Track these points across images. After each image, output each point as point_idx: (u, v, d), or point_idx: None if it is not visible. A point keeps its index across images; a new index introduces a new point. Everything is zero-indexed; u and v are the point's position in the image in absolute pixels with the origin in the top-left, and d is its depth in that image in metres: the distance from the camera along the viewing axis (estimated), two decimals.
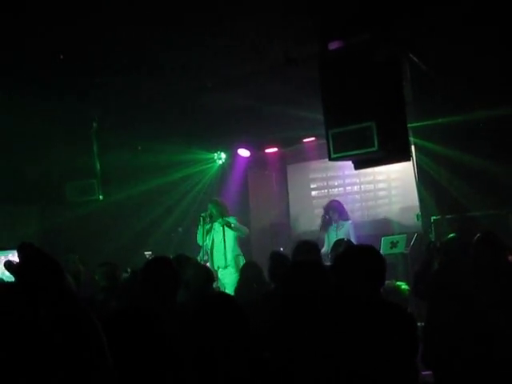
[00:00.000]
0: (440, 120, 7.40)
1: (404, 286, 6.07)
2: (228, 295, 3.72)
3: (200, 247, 8.97)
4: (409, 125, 6.46)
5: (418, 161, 8.12)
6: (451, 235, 5.23)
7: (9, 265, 2.43)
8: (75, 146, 9.59)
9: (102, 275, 5.92)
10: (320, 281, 3.42)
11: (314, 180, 11.90)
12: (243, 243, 9.21)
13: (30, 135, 8.94)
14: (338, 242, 7.17)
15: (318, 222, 9.66)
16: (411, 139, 7.32)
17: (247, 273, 5.98)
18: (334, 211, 9.19)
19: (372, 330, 3.18)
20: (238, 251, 8.82)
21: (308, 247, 5.48)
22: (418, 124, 7.57)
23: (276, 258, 5.37)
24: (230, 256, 8.67)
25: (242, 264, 7.85)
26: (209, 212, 8.85)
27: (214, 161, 11.60)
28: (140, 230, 10.57)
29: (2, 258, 6.66)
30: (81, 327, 2.23)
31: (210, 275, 5.20)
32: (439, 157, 7.67)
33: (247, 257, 9.05)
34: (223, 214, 8.79)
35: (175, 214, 10.99)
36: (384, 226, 10.54)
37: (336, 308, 3.33)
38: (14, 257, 2.36)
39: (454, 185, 7.51)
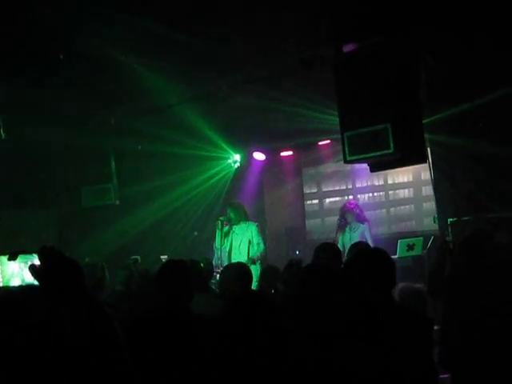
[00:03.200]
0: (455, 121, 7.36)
1: (421, 287, 6.03)
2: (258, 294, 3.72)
3: (214, 251, 8.97)
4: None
5: (433, 162, 8.08)
6: (468, 235, 5.19)
7: (33, 269, 2.44)
8: (91, 151, 9.65)
9: (121, 279, 5.96)
10: (331, 285, 3.42)
11: (329, 182, 11.88)
12: None
13: (45, 140, 9.02)
14: (354, 246, 7.14)
15: (334, 224, 9.63)
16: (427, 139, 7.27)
17: (266, 277, 5.96)
18: (350, 213, 9.15)
19: (383, 335, 3.17)
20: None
21: (329, 250, 5.47)
22: (432, 122, 7.51)
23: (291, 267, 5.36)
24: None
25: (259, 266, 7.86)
26: (227, 215, 8.84)
27: (230, 165, 11.62)
28: (154, 234, 10.61)
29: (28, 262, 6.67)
30: (104, 331, 2.24)
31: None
32: (455, 157, 7.64)
33: (263, 259, 9.04)
34: (242, 218, 8.75)
35: (190, 218, 11.03)
36: (401, 228, 10.50)
37: (347, 314, 3.32)
38: (37, 261, 2.37)
39: (471, 186, 7.46)
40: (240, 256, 8.63)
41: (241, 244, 8.69)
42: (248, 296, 3.15)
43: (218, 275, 7.76)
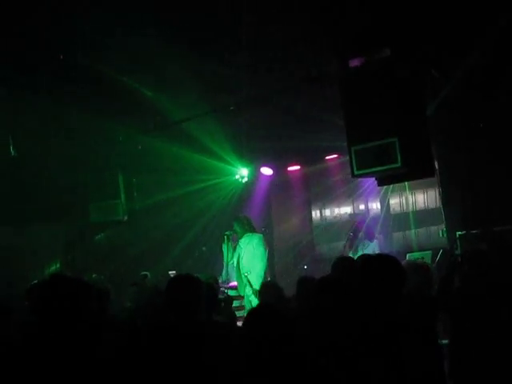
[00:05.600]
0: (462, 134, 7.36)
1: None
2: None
3: (223, 266, 8.97)
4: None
5: (441, 175, 8.06)
6: (477, 249, 5.18)
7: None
8: (100, 167, 9.70)
9: (130, 296, 5.96)
10: (342, 297, 3.43)
11: (336, 198, 11.87)
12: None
13: (55, 155, 9.08)
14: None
15: (342, 240, 9.63)
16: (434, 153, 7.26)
17: (266, 294, 5.92)
18: (360, 231, 9.17)
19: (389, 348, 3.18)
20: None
21: (345, 264, 5.47)
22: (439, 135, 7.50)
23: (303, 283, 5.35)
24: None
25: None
26: (233, 230, 8.84)
27: (238, 180, 11.63)
28: (162, 249, 10.62)
29: None
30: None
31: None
32: (463, 170, 7.62)
33: (270, 274, 9.02)
34: (248, 230, 8.75)
35: (198, 233, 11.03)
36: (409, 243, 10.47)
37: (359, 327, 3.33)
38: None
39: (480, 200, 7.44)
40: (243, 269, 8.60)
41: (244, 257, 8.68)
42: (262, 310, 3.17)
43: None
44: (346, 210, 11.87)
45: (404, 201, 10.99)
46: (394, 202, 11.09)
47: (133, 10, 5.76)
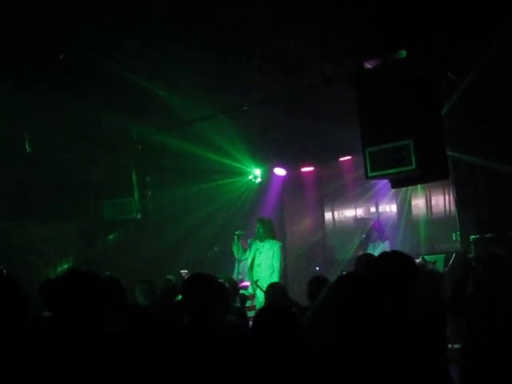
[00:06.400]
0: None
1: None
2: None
3: (235, 264, 8.99)
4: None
5: (456, 178, 8.01)
6: (491, 253, 5.13)
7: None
8: (113, 165, 9.73)
9: (142, 292, 5.97)
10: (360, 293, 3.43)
11: (349, 199, 11.84)
12: None
13: (70, 153, 9.14)
14: (361, 257, 7.07)
15: (355, 241, 9.62)
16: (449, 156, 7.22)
17: (272, 295, 5.94)
18: (373, 232, 9.16)
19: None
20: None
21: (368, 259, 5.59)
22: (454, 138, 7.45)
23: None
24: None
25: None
26: (256, 230, 8.82)
27: (251, 180, 11.63)
28: (175, 247, 10.64)
29: None
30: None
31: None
32: (477, 174, 7.57)
33: (282, 275, 9.02)
34: (269, 235, 8.75)
35: (211, 233, 11.04)
36: (422, 245, 10.41)
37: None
38: None
39: (494, 203, 7.38)
40: (261, 274, 8.60)
41: (262, 263, 8.67)
42: (273, 311, 3.17)
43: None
44: (358, 211, 11.84)
45: (422, 203, 10.92)
46: (414, 203, 11.03)
47: (145, 10, 5.80)
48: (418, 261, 5.21)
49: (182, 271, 8.96)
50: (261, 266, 8.64)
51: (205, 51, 6.59)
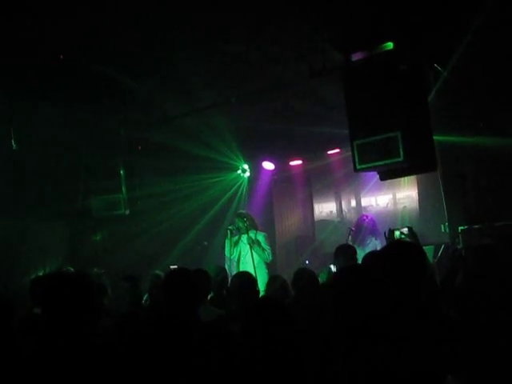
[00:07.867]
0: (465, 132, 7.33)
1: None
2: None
3: (225, 260, 8.97)
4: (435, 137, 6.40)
5: (443, 170, 8.05)
6: (480, 243, 5.17)
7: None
8: (101, 161, 9.69)
9: (127, 290, 5.96)
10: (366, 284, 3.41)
11: (338, 192, 11.85)
12: None
13: (56, 150, 9.08)
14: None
15: (344, 235, 9.60)
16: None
17: (272, 286, 5.97)
18: (363, 226, 9.11)
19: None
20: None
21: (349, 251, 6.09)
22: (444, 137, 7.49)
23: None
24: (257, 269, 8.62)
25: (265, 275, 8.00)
26: (236, 225, 8.84)
27: (240, 174, 11.62)
28: (165, 243, 10.62)
29: None
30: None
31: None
32: (465, 165, 7.60)
33: (272, 270, 9.03)
34: (251, 227, 8.75)
35: (200, 227, 11.04)
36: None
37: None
38: None
39: (482, 194, 7.42)
40: (247, 265, 8.62)
41: (248, 253, 8.69)
42: (264, 303, 3.16)
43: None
44: (347, 205, 11.84)
45: (410, 195, 10.94)
46: (400, 196, 11.05)
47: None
48: None
49: (171, 266, 8.93)
50: (246, 257, 8.65)
51: (193, 47, 6.57)
